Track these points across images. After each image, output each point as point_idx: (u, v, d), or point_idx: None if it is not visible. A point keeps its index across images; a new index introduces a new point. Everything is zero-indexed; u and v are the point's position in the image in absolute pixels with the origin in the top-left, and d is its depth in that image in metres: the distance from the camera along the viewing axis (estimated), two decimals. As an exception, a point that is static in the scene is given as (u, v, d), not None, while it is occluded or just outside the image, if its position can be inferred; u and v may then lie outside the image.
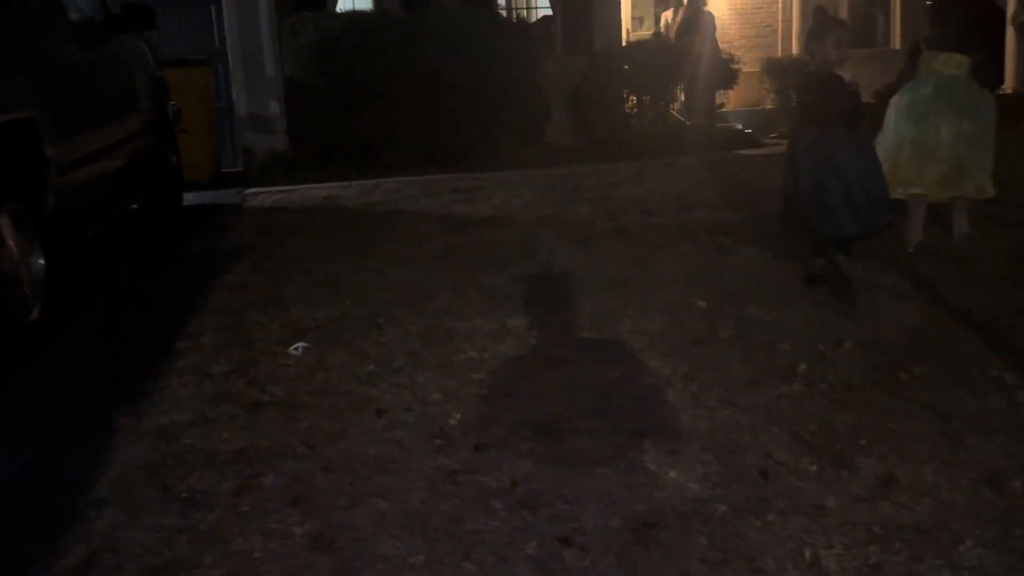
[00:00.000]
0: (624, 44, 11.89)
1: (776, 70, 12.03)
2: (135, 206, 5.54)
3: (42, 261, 3.70)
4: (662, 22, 12.58)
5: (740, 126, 11.86)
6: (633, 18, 14.48)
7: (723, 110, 12.20)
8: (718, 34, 11.88)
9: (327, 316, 3.93)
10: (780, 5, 13.66)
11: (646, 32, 14.48)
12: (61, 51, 4.33)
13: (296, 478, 2.51)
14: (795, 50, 12.75)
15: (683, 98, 11.32)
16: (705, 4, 11.94)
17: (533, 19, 12.10)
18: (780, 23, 13.70)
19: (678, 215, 5.64)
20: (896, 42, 13.96)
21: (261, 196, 7.17)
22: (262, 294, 4.28)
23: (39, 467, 2.65)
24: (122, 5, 5.38)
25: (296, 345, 3.55)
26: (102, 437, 2.83)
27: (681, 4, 11.91)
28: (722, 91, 11.71)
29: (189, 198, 6.87)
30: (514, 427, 2.77)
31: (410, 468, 2.55)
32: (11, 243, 3.48)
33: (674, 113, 11.23)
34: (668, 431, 2.71)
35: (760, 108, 12.75)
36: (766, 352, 3.28)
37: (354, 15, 10.05)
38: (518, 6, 12.86)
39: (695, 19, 11.52)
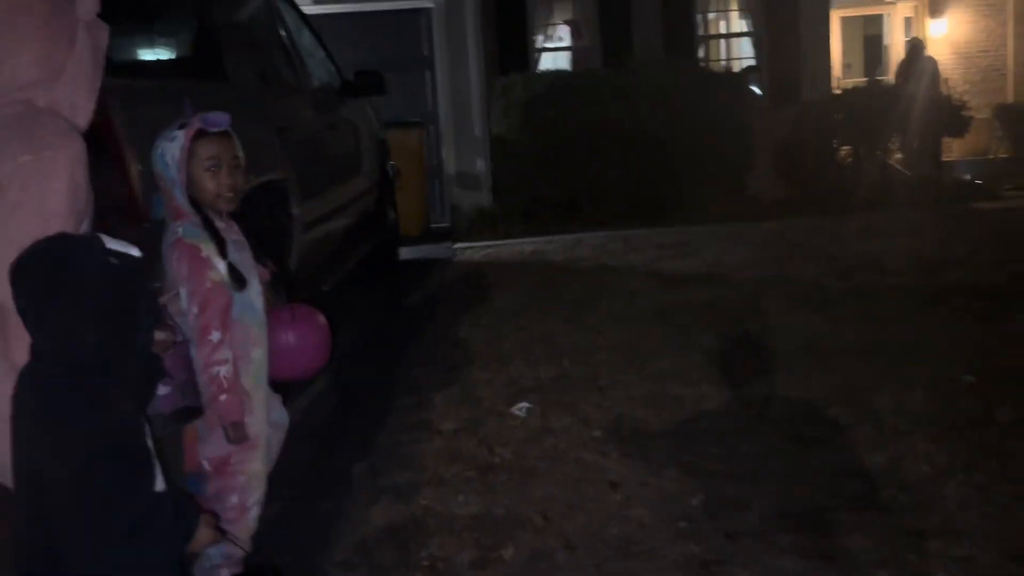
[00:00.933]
0: (836, 92, 11.30)
1: (1010, 116, 10.95)
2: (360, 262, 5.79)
3: (286, 315, 3.88)
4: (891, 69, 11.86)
5: (969, 177, 10.86)
6: (844, 65, 13.78)
7: (947, 159, 11.23)
8: (940, 80, 11.03)
9: (547, 375, 3.84)
10: (1009, 49, 12.49)
11: (857, 79, 13.75)
12: (305, 116, 4.62)
13: (537, 554, 2.39)
14: (1032, 93, 11.58)
15: (902, 148, 10.54)
16: (925, 49, 11.14)
17: (737, 70, 11.78)
18: (1011, 67, 12.51)
19: (921, 276, 5.12)
20: None
21: (469, 251, 7.33)
22: (482, 350, 4.27)
23: (284, 522, 2.69)
24: (356, 72, 5.71)
25: (520, 405, 3.48)
26: (343, 492, 2.86)
27: (911, 48, 11.17)
28: (946, 140, 10.81)
29: (403, 252, 7.13)
30: (767, 514, 2.51)
31: (657, 553, 2.36)
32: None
33: (894, 164, 10.47)
34: (954, 531, 2.34)
35: (988, 158, 11.64)
36: (1061, 442, 2.80)
37: (560, 74, 10.24)
38: (722, 57, 12.61)
39: (915, 64, 10.77)
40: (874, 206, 8.16)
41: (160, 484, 1.52)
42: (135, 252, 1.53)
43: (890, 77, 12.22)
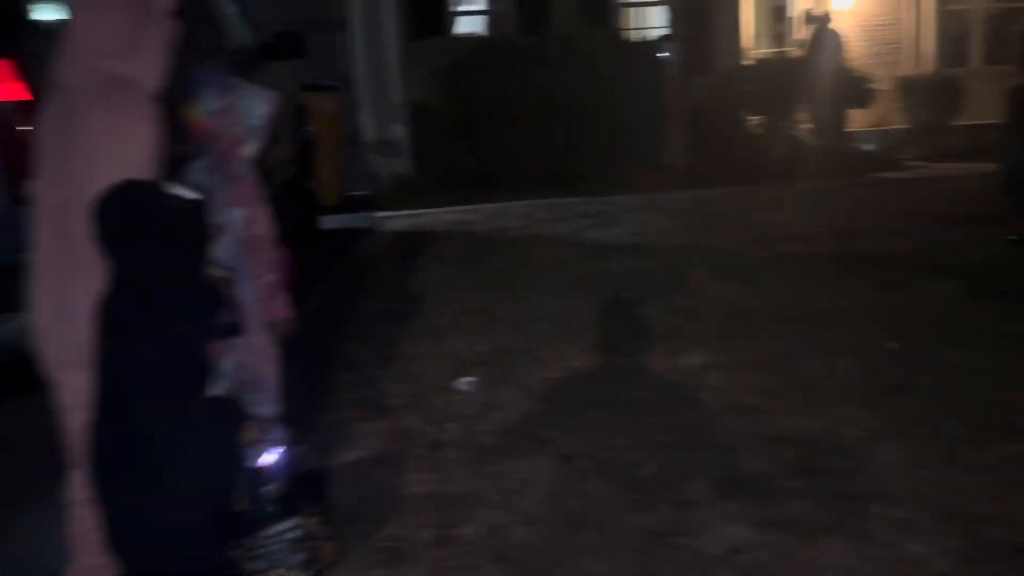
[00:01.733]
0: (745, 63, 11.57)
1: (909, 88, 11.47)
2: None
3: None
4: (802, 35, 12.18)
5: (871, 147, 11.35)
6: (754, 36, 14.08)
7: (851, 130, 11.69)
8: (843, 52, 11.43)
9: (486, 349, 3.84)
10: (909, 22, 13.04)
11: (766, 51, 14.10)
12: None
13: (495, 530, 2.40)
14: (927, 68, 12.13)
15: (810, 118, 10.91)
16: (830, 21, 11.51)
17: (652, 39, 11.89)
18: (908, 40, 13.07)
19: (834, 244, 5.34)
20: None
21: (392, 220, 7.21)
22: (418, 324, 4.23)
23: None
24: (275, 34, 5.48)
25: (463, 379, 3.47)
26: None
27: (816, 21, 11.50)
28: (850, 111, 11.24)
29: (322, 222, 6.95)
30: (714, 483, 2.59)
31: (613, 525, 2.40)
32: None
33: (801, 134, 10.82)
34: (892, 494, 2.47)
35: (889, 128, 12.19)
36: (979, 404, 2.99)
37: (480, 40, 10.11)
38: (636, 26, 12.70)
39: (821, 37, 11.11)
40: (784, 176, 8.44)
41: (217, 389, 1.90)
42: (195, 196, 1.83)
43: (796, 50, 12.60)
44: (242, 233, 2.19)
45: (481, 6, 11.82)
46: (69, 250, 1.85)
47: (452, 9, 11.43)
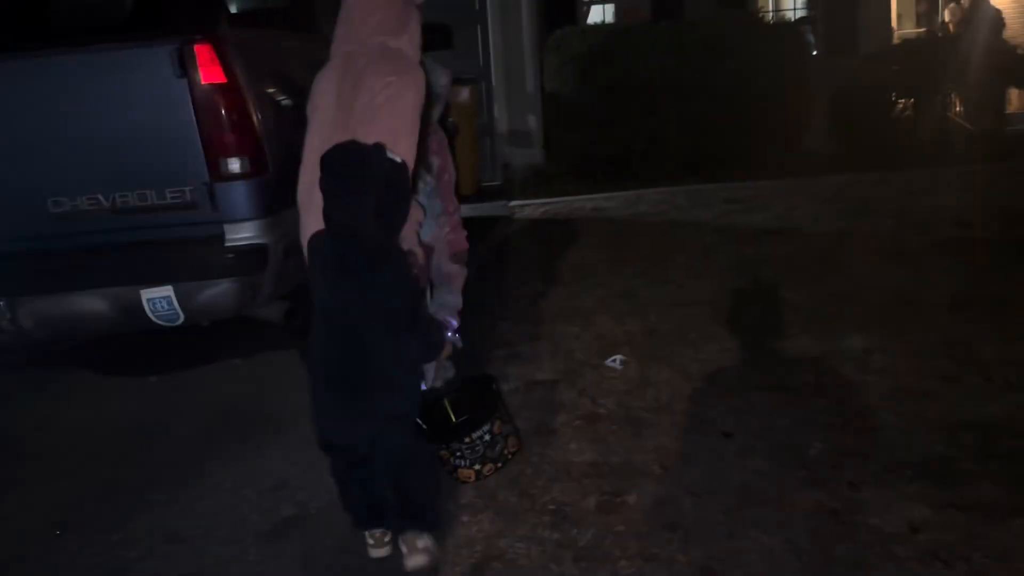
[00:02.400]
0: (892, 44, 11.00)
1: (1079, 66, 10.55)
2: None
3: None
4: (946, 16, 11.48)
5: (1032, 130, 10.54)
6: (897, 15, 13.37)
7: (1010, 112, 10.90)
8: (1002, 28, 10.66)
9: (635, 329, 3.84)
10: (1078, -7, 12.03)
11: (912, 30, 13.34)
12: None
13: (662, 500, 2.41)
14: (1100, 43, 11.15)
15: (963, 100, 10.24)
16: (988, -4, 10.76)
17: (791, 21, 11.49)
18: (1077, 13, 12.05)
19: (1002, 229, 5.01)
20: None
21: (528, 208, 7.30)
22: (563, 305, 4.27)
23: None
24: (426, 25, 5.64)
25: (614, 357, 3.48)
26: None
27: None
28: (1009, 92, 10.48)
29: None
30: (888, 465, 2.50)
31: (784, 500, 2.36)
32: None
33: (955, 117, 10.18)
34: (1089, 481, 2.31)
35: (1053, 110, 11.27)
36: None
37: (614, 28, 10.08)
38: (776, 8, 12.30)
39: (976, 12, 10.41)
40: (937, 160, 7.97)
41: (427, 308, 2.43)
42: (400, 159, 2.15)
43: (946, 29, 11.86)
44: (436, 176, 2.80)
45: (613, -4, 11.78)
46: None
47: (585, 0, 11.44)
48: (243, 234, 2.76)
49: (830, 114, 10.10)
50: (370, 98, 2.17)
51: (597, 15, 11.65)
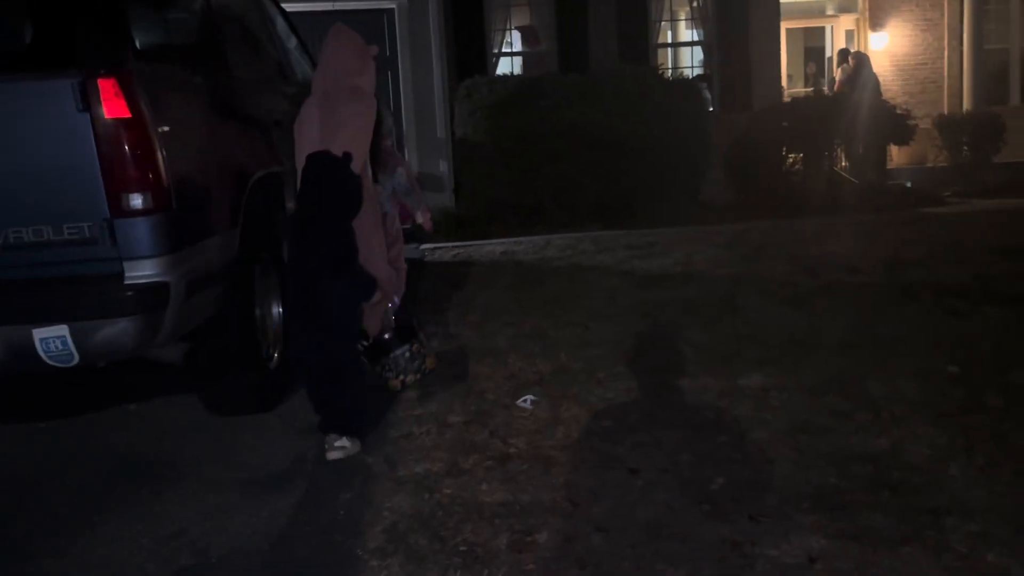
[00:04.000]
0: (782, 101, 11.65)
1: (950, 126, 11.47)
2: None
3: (280, 309, 3.84)
4: (838, 75, 12.28)
5: (908, 183, 11.33)
6: (787, 75, 14.19)
7: (890, 167, 11.69)
8: (880, 89, 11.48)
9: (546, 369, 3.89)
10: (945, 61, 13.09)
11: (801, 89, 14.18)
12: (293, 111, 4.57)
13: (571, 537, 2.43)
14: (966, 106, 12.13)
15: (848, 155, 10.92)
16: (867, 60, 11.59)
17: (690, 78, 12.04)
18: (946, 79, 13.10)
19: (887, 275, 5.34)
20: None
21: (439, 251, 7.32)
22: (476, 345, 4.29)
23: (310, 512, 2.68)
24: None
25: (525, 397, 3.51)
26: (361, 482, 2.85)
27: (846, 60, 11.63)
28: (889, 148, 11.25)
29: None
30: (787, 497, 2.60)
31: (688, 534, 2.42)
32: (261, 292, 3.62)
33: (839, 170, 10.84)
34: (966, 508, 2.46)
35: (927, 166, 12.16)
36: (1050, 424, 2.98)
37: (524, 78, 10.32)
38: (672, 65, 12.87)
39: (858, 74, 11.19)
40: (825, 211, 8.45)
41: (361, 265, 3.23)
42: (354, 168, 3.14)
43: (832, 88, 12.68)
44: (407, 179, 4.17)
45: (522, 48, 12.09)
46: None
47: (495, 50, 11.70)
48: (144, 271, 2.69)
49: (726, 166, 10.60)
50: (339, 120, 3.14)
51: (506, 66, 11.92)
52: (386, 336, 3.69)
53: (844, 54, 12.15)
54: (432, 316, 4.91)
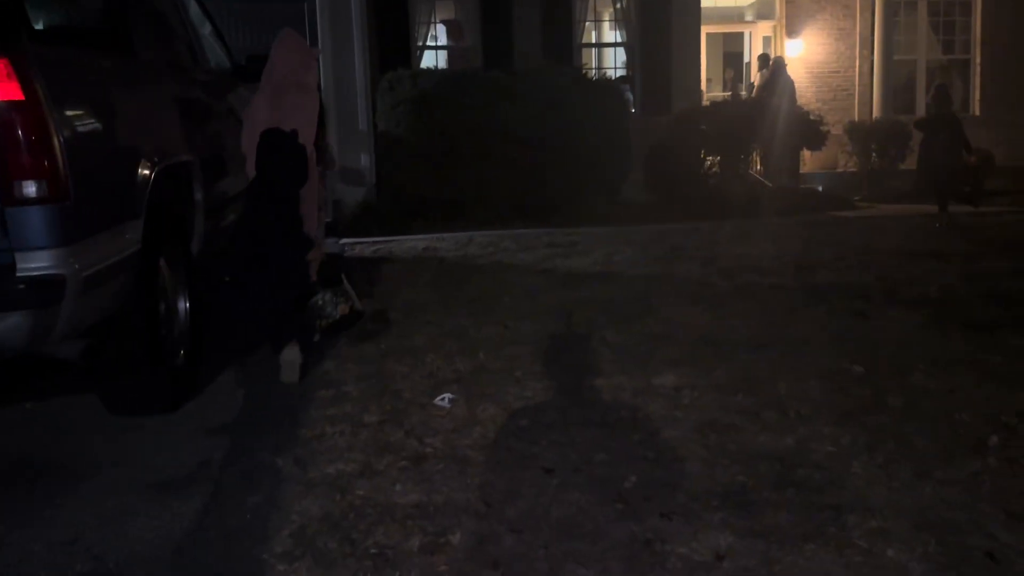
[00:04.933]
0: (702, 105, 11.91)
1: (860, 133, 11.93)
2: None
3: (187, 304, 3.70)
4: (757, 81, 12.60)
5: (820, 188, 11.74)
6: (706, 79, 14.52)
7: (802, 172, 12.09)
8: (795, 96, 11.86)
9: (464, 368, 3.86)
10: (857, 70, 13.62)
11: (717, 93, 14.54)
12: (204, 99, 4.42)
13: (484, 538, 2.41)
14: (875, 113, 12.64)
15: (763, 159, 11.25)
16: (784, 66, 11.95)
17: (613, 79, 12.18)
18: (857, 87, 13.63)
19: (798, 277, 5.51)
20: (976, 108, 13.79)
21: (360, 246, 7.21)
22: (394, 344, 4.24)
23: (215, 516, 2.58)
24: (248, 57, 5.50)
25: (443, 396, 3.48)
26: (271, 485, 2.77)
27: (766, 66, 11.94)
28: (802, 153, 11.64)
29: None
30: (696, 495, 2.65)
31: (600, 533, 2.43)
32: (167, 286, 3.49)
33: (755, 174, 11.15)
34: (867, 506, 2.55)
35: (837, 171, 12.63)
36: (947, 423, 3.11)
37: (448, 73, 10.24)
38: (596, 66, 13.00)
39: (774, 80, 11.53)
40: (741, 213, 8.68)
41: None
42: (301, 143, 3.86)
43: (750, 93, 13.03)
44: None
45: (446, 42, 12.01)
46: None
47: (418, 43, 11.59)
48: (37, 263, 2.54)
49: (647, 167, 10.77)
50: (285, 111, 3.86)
51: (430, 60, 11.82)
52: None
53: (764, 59, 12.50)
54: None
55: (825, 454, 2.91)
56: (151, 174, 3.26)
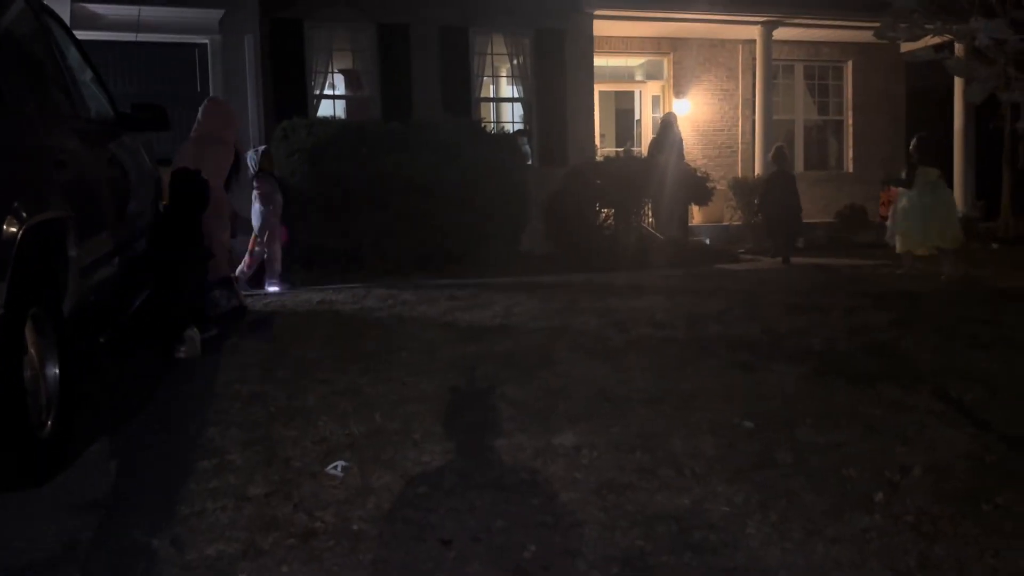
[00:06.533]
0: (596, 159, 12.25)
1: (743, 189, 12.49)
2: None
3: (57, 370, 3.43)
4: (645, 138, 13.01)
5: (707, 240, 12.20)
6: (600, 135, 14.95)
7: (691, 224, 12.55)
8: (683, 153, 12.34)
9: (359, 431, 3.73)
10: (740, 129, 14.33)
11: (610, 149, 14.98)
12: (82, 150, 4.19)
13: (378, 621, 2.29)
14: (757, 170, 13.29)
15: (654, 213, 11.61)
16: (674, 124, 12.44)
17: (509, 132, 12.37)
18: (740, 145, 14.33)
19: (689, 329, 5.65)
20: (849, 166, 14.68)
21: (251, 299, 6.96)
22: (283, 405, 4.06)
23: (79, 607, 2.37)
24: (133, 105, 5.29)
25: (335, 464, 3.34)
26: (143, 570, 2.56)
27: (661, 123, 12.37)
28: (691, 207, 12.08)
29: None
30: (596, 562, 2.61)
31: (500, 609, 2.35)
32: (32, 350, 3.23)
33: (646, 227, 11.49)
34: (763, 568, 2.57)
35: (723, 224, 13.17)
36: (834, 479, 3.20)
37: (346, 123, 10.18)
38: (494, 119, 13.18)
39: (668, 136, 11.97)
40: (635, 265, 8.92)
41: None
42: (209, 181, 5.68)
43: (641, 149, 13.49)
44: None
45: (345, 92, 11.94)
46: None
47: (316, 92, 11.47)
48: None
49: (545, 218, 10.94)
50: (209, 160, 5.68)
51: (328, 109, 11.72)
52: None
53: (664, 117, 12.98)
54: (235, 373, 4.61)
55: (720, 514, 2.93)
56: (18, 231, 3.03)
